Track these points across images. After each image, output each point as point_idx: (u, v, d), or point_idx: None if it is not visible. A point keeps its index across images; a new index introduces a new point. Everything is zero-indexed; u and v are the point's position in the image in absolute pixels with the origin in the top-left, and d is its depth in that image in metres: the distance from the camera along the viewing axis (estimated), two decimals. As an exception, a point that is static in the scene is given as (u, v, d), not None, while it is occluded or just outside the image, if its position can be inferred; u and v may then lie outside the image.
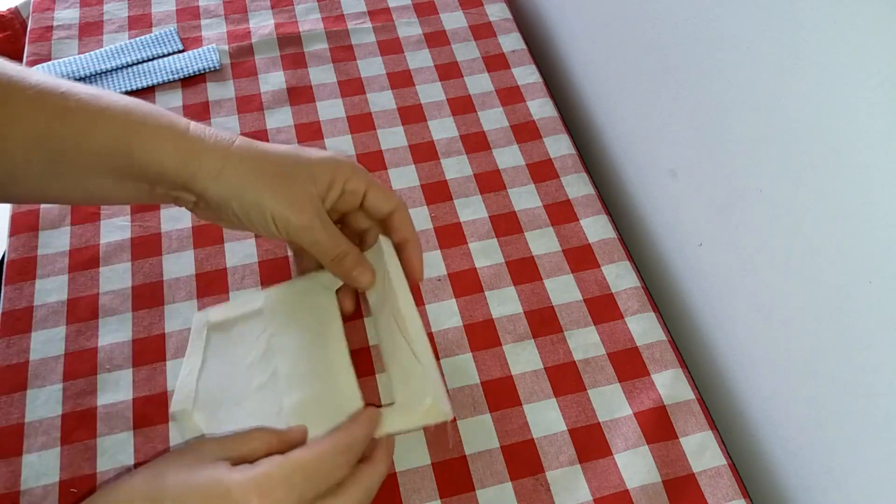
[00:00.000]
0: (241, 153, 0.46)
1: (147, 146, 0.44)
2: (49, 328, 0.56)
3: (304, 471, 0.39)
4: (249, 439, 0.42)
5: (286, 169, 0.47)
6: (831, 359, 0.45)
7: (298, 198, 0.47)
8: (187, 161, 0.45)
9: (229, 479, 0.37)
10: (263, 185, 0.46)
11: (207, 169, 0.45)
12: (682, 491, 0.49)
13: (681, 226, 0.61)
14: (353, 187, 0.49)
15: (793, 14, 0.42)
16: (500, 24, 0.78)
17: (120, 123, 0.44)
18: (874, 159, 0.38)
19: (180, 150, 0.45)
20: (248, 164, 0.46)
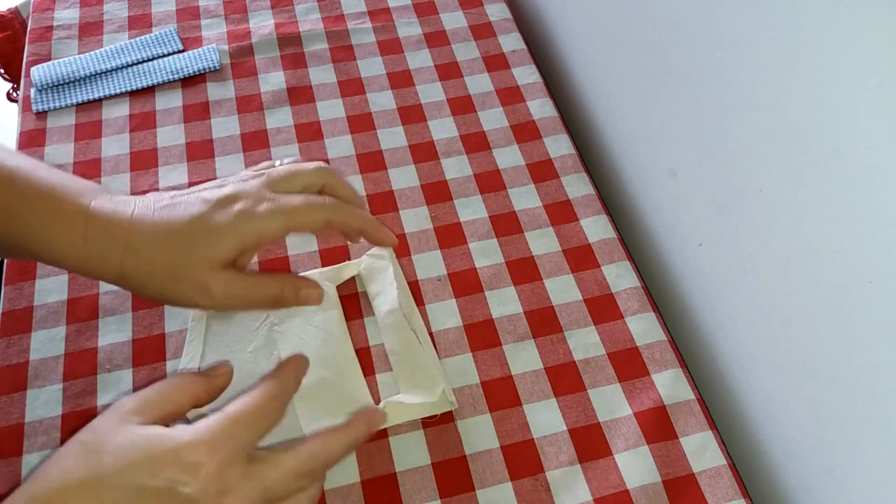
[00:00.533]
0: (138, 239, 0.44)
1: (46, 247, 0.44)
2: (49, 328, 0.56)
3: (245, 420, 0.39)
4: (174, 391, 0.40)
5: (185, 248, 0.45)
6: (831, 359, 0.45)
7: (205, 278, 0.45)
8: (85, 262, 0.44)
9: (175, 439, 0.37)
10: (163, 277, 0.45)
11: (107, 270, 0.44)
12: (682, 491, 0.49)
13: (681, 226, 0.61)
14: (273, 237, 0.46)
15: (793, 14, 0.42)
16: (500, 24, 0.78)
17: (19, 220, 0.44)
18: (874, 159, 0.38)
19: (78, 255, 0.44)
20: (145, 256, 0.44)
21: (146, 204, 0.46)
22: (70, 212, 0.45)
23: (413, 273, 0.59)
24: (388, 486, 0.49)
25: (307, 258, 0.60)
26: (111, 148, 0.67)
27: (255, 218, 0.45)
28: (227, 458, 0.37)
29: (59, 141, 0.67)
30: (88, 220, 0.45)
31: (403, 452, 0.50)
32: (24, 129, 0.68)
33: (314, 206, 0.47)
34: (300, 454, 0.40)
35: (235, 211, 0.45)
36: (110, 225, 0.45)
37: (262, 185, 0.47)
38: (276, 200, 0.46)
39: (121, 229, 0.45)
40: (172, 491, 0.35)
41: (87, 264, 0.45)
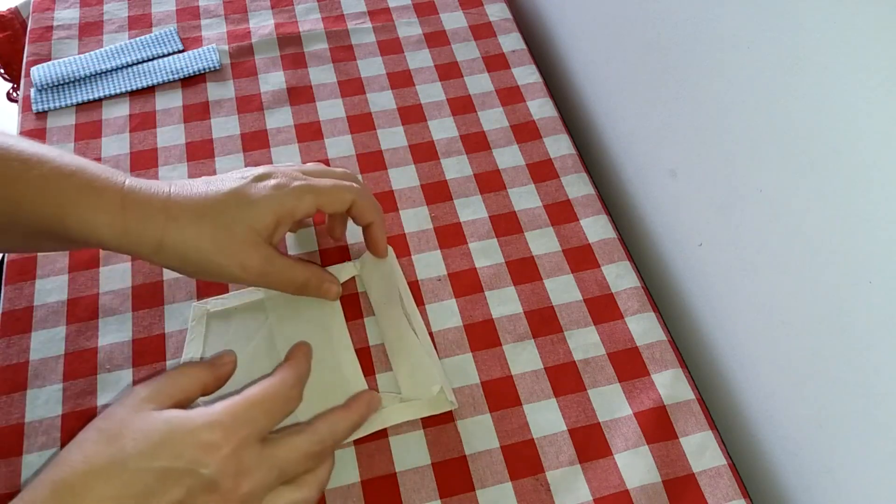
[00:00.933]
0: (178, 210, 0.45)
1: (82, 221, 0.44)
2: (49, 328, 0.56)
3: (263, 405, 0.40)
4: (182, 378, 0.42)
5: (227, 219, 0.46)
6: (831, 359, 0.45)
7: (244, 251, 0.47)
8: (123, 235, 0.45)
9: (193, 421, 0.38)
10: (206, 247, 0.46)
11: (146, 241, 0.45)
12: (682, 491, 0.49)
13: (681, 226, 0.61)
14: (305, 212, 0.49)
15: (793, 14, 0.42)
16: (500, 24, 0.78)
17: (52, 196, 0.44)
18: (874, 159, 0.38)
19: (116, 227, 0.45)
20: (187, 225, 0.45)
21: (182, 184, 0.48)
22: (105, 187, 0.45)
23: (413, 273, 0.59)
24: (388, 486, 0.49)
25: (307, 257, 0.60)
26: (111, 148, 0.67)
27: (289, 192, 0.48)
28: (243, 440, 0.38)
29: (59, 141, 0.67)
30: (126, 195, 0.45)
31: (403, 452, 0.50)
32: (24, 129, 0.68)
33: (343, 187, 0.52)
34: (311, 435, 0.42)
35: (271, 184, 0.48)
36: (148, 198, 0.46)
37: (294, 169, 0.51)
38: (308, 180, 0.50)
39: (159, 201, 0.46)
40: (193, 472, 0.37)
41: (126, 238, 0.45)
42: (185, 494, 0.36)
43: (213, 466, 0.37)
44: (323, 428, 0.43)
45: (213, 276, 0.48)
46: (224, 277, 0.49)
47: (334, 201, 0.51)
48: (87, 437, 0.38)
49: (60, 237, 0.45)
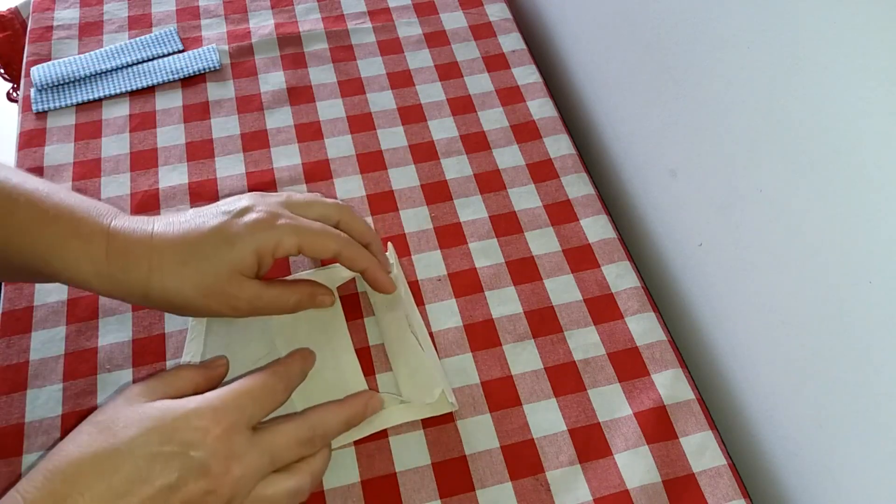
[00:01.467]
0: (160, 257, 0.45)
1: (69, 269, 0.45)
2: (49, 328, 0.56)
3: (251, 394, 0.41)
4: (175, 378, 0.43)
5: (210, 263, 0.46)
6: (831, 358, 0.45)
7: (230, 292, 0.47)
8: (110, 284, 0.46)
9: (184, 406, 0.39)
10: (191, 294, 0.46)
11: (133, 290, 0.46)
12: (682, 491, 0.49)
13: (681, 226, 0.61)
14: (287, 251, 0.48)
15: (793, 14, 0.42)
16: (500, 24, 0.78)
17: (38, 242, 0.45)
18: (874, 159, 0.38)
19: (102, 276, 0.45)
20: (170, 273, 0.45)
21: (166, 222, 0.47)
22: (91, 232, 0.45)
23: (413, 273, 0.59)
24: (388, 486, 0.49)
25: (307, 258, 0.60)
26: (111, 148, 0.67)
27: (271, 229, 0.47)
28: (232, 424, 0.39)
29: (59, 141, 0.67)
30: (110, 238, 0.46)
31: (403, 452, 0.50)
32: (24, 129, 0.68)
33: (328, 234, 0.49)
34: (301, 422, 0.43)
35: (252, 219, 0.47)
36: (132, 243, 0.46)
37: (279, 203, 0.49)
38: (294, 219, 0.48)
39: (143, 247, 0.46)
40: (184, 455, 0.37)
41: (113, 287, 0.46)
42: (176, 478, 0.37)
43: (203, 449, 0.37)
44: (314, 416, 0.44)
45: (206, 316, 0.49)
46: (215, 314, 0.49)
47: (317, 248, 0.49)
48: (80, 430, 0.38)
49: (50, 278, 0.46)
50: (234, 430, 0.39)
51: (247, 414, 0.40)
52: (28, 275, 0.48)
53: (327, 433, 0.44)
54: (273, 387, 0.43)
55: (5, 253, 0.45)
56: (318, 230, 0.49)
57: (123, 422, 0.38)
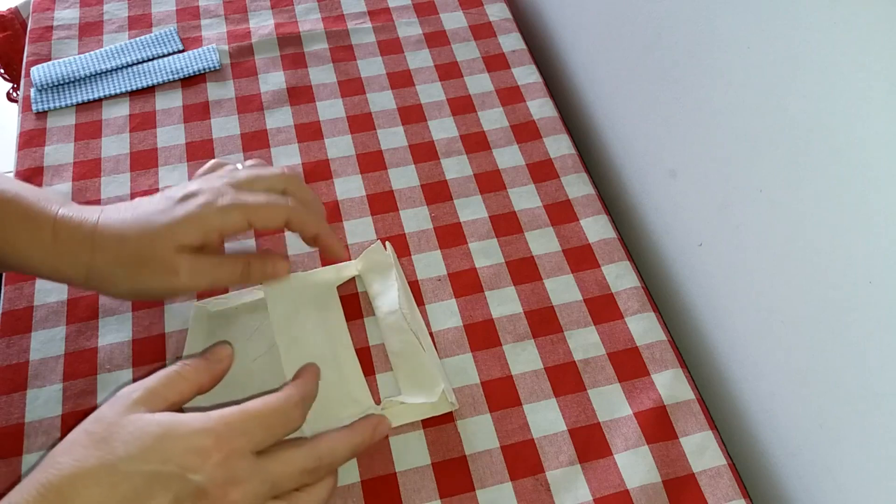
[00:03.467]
0: (103, 237, 0.46)
1: (17, 252, 0.46)
2: (49, 328, 0.56)
3: (260, 418, 0.39)
4: (178, 381, 0.41)
5: (149, 237, 0.46)
6: (831, 358, 0.45)
7: (170, 258, 0.46)
8: (54, 269, 0.46)
9: (186, 425, 0.37)
10: (131, 263, 0.46)
11: (76, 271, 0.46)
12: (682, 491, 0.49)
13: (681, 226, 0.61)
14: (233, 229, 0.48)
15: (793, 14, 0.42)
16: (500, 24, 0.78)
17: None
18: (874, 159, 0.38)
19: (47, 261, 0.46)
20: (111, 249, 0.46)
21: (113, 208, 0.48)
22: (38, 216, 0.46)
23: (413, 273, 0.59)
24: (388, 486, 0.49)
25: (307, 258, 0.60)
26: (111, 148, 0.67)
27: (216, 210, 0.47)
28: (235, 449, 0.38)
29: (59, 141, 0.67)
30: (56, 224, 0.46)
31: (403, 452, 0.50)
32: (24, 129, 0.68)
33: (274, 204, 0.49)
34: (309, 451, 0.41)
35: (197, 203, 0.47)
36: (77, 227, 0.46)
37: (225, 184, 0.49)
38: (238, 196, 0.48)
39: (87, 228, 0.46)
40: (182, 478, 0.36)
41: (57, 266, 0.46)
42: (172, 500, 0.36)
43: (202, 473, 0.36)
44: (322, 445, 0.42)
45: (146, 292, 0.48)
46: (156, 289, 0.48)
47: (265, 219, 0.48)
48: (76, 440, 0.37)
49: (1, 264, 0.47)
50: (237, 455, 0.38)
51: (254, 439, 0.39)
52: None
53: (334, 462, 0.43)
54: (286, 412, 0.41)
55: None
56: (262, 203, 0.48)
57: (122, 436, 0.36)
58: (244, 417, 0.39)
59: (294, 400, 0.41)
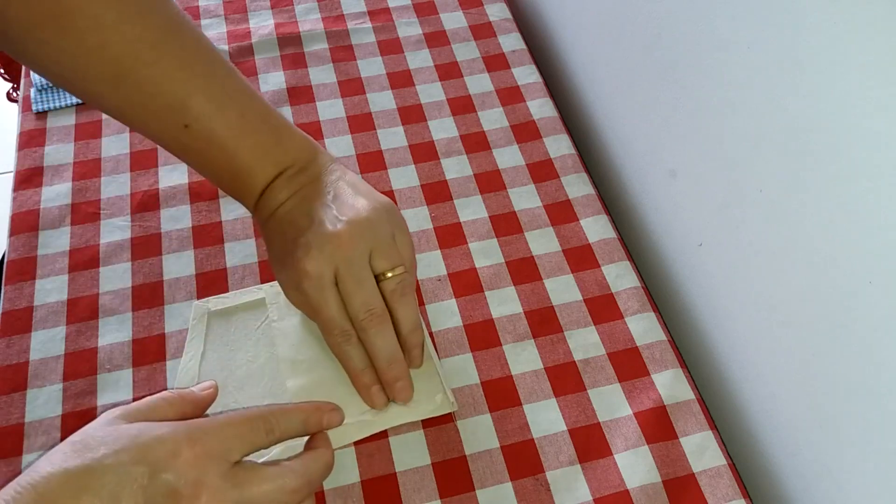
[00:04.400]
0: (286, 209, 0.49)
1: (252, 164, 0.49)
2: (49, 328, 0.56)
3: (234, 428, 0.39)
4: (162, 405, 0.41)
5: (282, 257, 0.49)
6: (831, 358, 0.45)
7: (293, 279, 0.48)
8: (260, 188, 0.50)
9: (160, 427, 0.38)
10: (276, 258, 0.50)
11: (264, 208, 0.50)
12: (682, 491, 0.49)
13: (681, 226, 0.60)
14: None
15: (793, 14, 0.42)
16: (500, 24, 0.78)
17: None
18: (874, 159, 0.38)
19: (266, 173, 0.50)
20: (281, 225, 0.49)
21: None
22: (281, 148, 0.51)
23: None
24: (388, 486, 0.49)
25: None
26: (111, 148, 0.67)
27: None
28: (207, 452, 0.37)
29: (59, 141, 0.67)
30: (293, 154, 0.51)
31: (403, 452, 0.50)
32: (24, 129, 0.68)
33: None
34: (288, 472, 0.40)
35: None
36: (285, 180, 0.50)
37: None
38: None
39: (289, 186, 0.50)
40: (154, 476, 0.36)
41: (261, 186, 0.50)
42: (143, 499, 0.36)
43: (173, 471, 0.36)
44: (298, 466, 0.40)
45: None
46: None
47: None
48: (57, 449, 0.37)
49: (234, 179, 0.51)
50: (209, 458, 0.37)
51: (226, 446, 0.38)
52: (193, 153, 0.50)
53: (312, 482, 0.41)
54: (259, 429, 0.40)
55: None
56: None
57: (99, 441, 0.37)
58: (218, 424, 0.39)
59: (269, 420, 0.40)
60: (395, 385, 0.50)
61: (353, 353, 0.49)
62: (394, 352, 0.49)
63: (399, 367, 0.50)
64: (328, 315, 0.48)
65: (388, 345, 0.49)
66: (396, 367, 0.50)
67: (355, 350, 0.49)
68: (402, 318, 0.49)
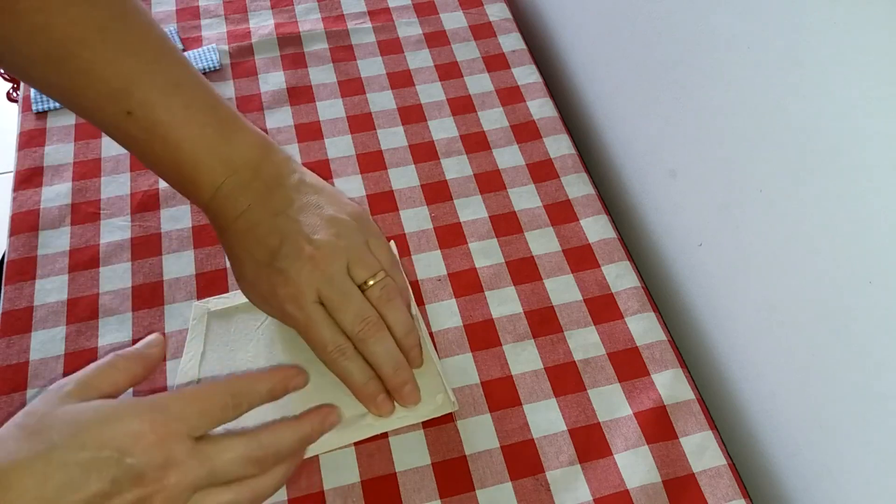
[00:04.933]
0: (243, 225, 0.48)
1: (195, 159, 0.47)
2: (49, 328, 0.56)
3: (197, 403, 0.38)
4: (111, 370, 0.39)
5: (253, 279, 0.48)
6: (831, 359, 0.45)
7: (274, 305, 0.48)
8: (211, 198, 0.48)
9: (118, 408, 0.36)
10: (245, 277, 0.49)
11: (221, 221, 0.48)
12: (682, 491, 0.49)
13: (681, 226, 0.61)
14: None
15: (793, 14, 0.42)
16: (500, 24, 0.78)
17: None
18: (874, 159, 0.38)
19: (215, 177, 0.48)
20: (243, 241, 0.48)
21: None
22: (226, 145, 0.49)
23: (413, 273, 0.59)
24: (388, 486, 0.49)
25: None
26: (111, 148, 0.67)
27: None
28: (171, 432, 0.36)
29: (59, 141, 0.67)
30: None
31: (403, 452, 0.50)
32: (24, 129, 0.68)
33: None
34: (250, 440, 0.39)
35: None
36: (234, 188, 0.49)
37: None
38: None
39: (241, 200, 0.49)
40: (119, 462, 0.35)
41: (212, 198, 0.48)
42: (110, 485, 0.34)
43: (137, 456, 0.35)
44: (266, 434, 0.40)
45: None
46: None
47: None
48: (7, 435, 0.36)
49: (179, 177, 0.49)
50: (173, 437, 0.36)
51: (189, 423, 0.37)
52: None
53: (280, 452, 0.40)
54: (223, 402, 0.39)
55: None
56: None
57: (55, 425, 0.35)
58: (179, 401, 0.38)
59: (232, 392, 0.40)
60: (403, 390, 0.50)
61: (352, 366, 0.48)
62: (397, 357, 0.49)
63: (405, 372, 0.49)
64: (320, 335, 0.47)
65: (389, 351, 0.48)
66: (402, 371, 0.49)
67: (354, 363, 0.48)
68: (393, 322, 0.49)
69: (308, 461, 0.49)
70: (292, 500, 0.48)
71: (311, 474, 0.49)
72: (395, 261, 0.51)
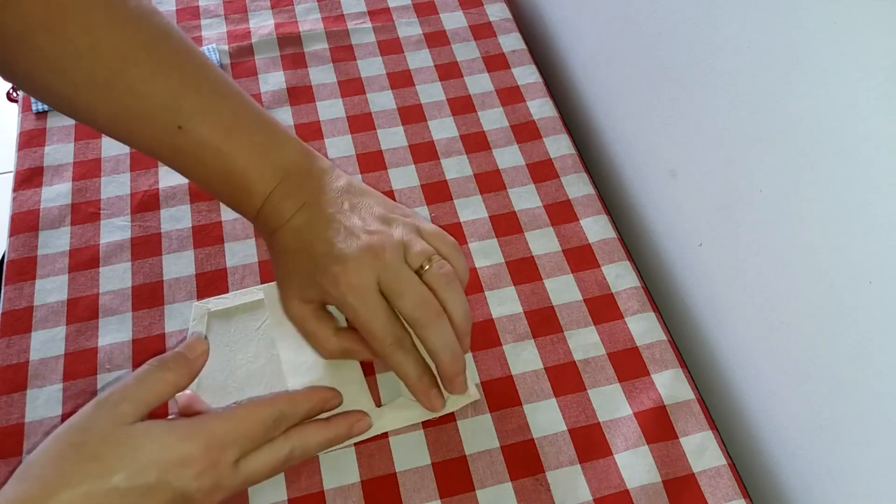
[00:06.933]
0: (291, 231, 0.48)
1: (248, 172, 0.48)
2: (49, 328, 0.56)
3: (245, 426, 0.41)
4: (157, 382, 0.41)
5: (309, 273, 0.47)
6: (831, 358, 0.45)
7: (333, 296, 0.47)
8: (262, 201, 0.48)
9: (173, 433, 0.39)
10: (294, 274, 0.48)
11: (264, 223, 0.49)
12: (682, 491, 0.49)
13: (681, 226, 0.61)
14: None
15: (793, 14, 0.42)
16: (500, 24, 0.78)
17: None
18: (874, 159, 0.38)
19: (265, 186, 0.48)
20: (288, 249, 0.48)
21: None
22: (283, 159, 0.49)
23: (413, 273, 0.59)
24: (388, 486, 0.49)
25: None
26: (111, 148, 0.67)
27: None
28: (219, 459, 0.39)
29: (59, 141, 0.67)
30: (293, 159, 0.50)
31: (403, 452, 0.50)
32: (24, 129, 0.68)
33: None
34: (281, 447, 0.42)
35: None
36: (290, 189, 0.49)
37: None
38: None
39: (292, 204, 0.49)
40: (174, 488, 0.38)
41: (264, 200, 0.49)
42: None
43: (190, 482, 0.38)
44: (295, 437, 0.43)
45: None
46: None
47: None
48: (62, 455, 0.37)
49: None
50: (221, 463, 0.39)
51: (235, 448, 0.40)
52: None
53: (306, 454, 0.44)
54: (266, 425, 0.42)
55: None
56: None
57: (118, 452, 0.37)
58: (225, 423, 0.40)
59: (275, 415, 0.42)
60: (457, 380, 0.49)
61: (408, 359, 0.48)
62: (455, 346, 0.47)
63: (461, 361, 0.48)
64: (380, 323, 0.46)
65: (448, 339, 0.47)
66: (459, 361, 0.48)
67: (409, 356, 0.48)
68: (452, 306, 0.47)
69: (308, 461, 0.49)
70: (292, 500, 0.48)
71: (312, 474, 0.49)
72: (453, 245, 0.50)
